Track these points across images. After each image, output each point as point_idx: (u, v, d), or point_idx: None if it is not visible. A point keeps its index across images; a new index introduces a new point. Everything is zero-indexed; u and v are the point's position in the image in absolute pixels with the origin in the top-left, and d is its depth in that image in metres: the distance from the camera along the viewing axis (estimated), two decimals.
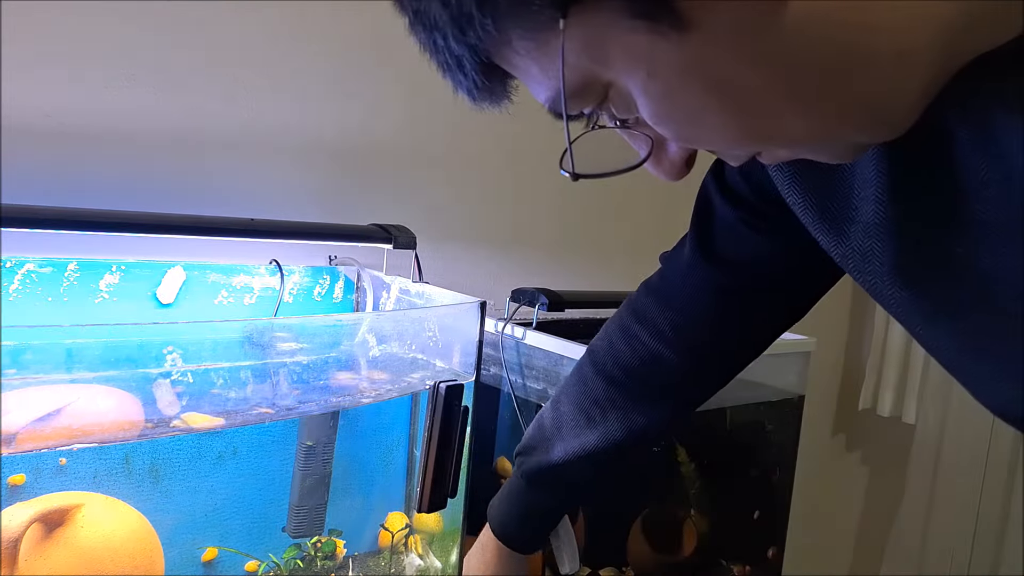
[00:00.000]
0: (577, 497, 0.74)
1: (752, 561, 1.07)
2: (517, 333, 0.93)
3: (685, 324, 0.63)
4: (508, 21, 0.30)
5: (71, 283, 0.69)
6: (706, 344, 0.64)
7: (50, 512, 0.54)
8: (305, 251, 0.86)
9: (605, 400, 0.66)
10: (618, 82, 0.33)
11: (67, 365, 0.50)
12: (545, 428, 0.69)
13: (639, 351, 0.65)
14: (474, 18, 0.30)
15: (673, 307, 0.63)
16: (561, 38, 0.30)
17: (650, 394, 0.66)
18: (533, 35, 0.31)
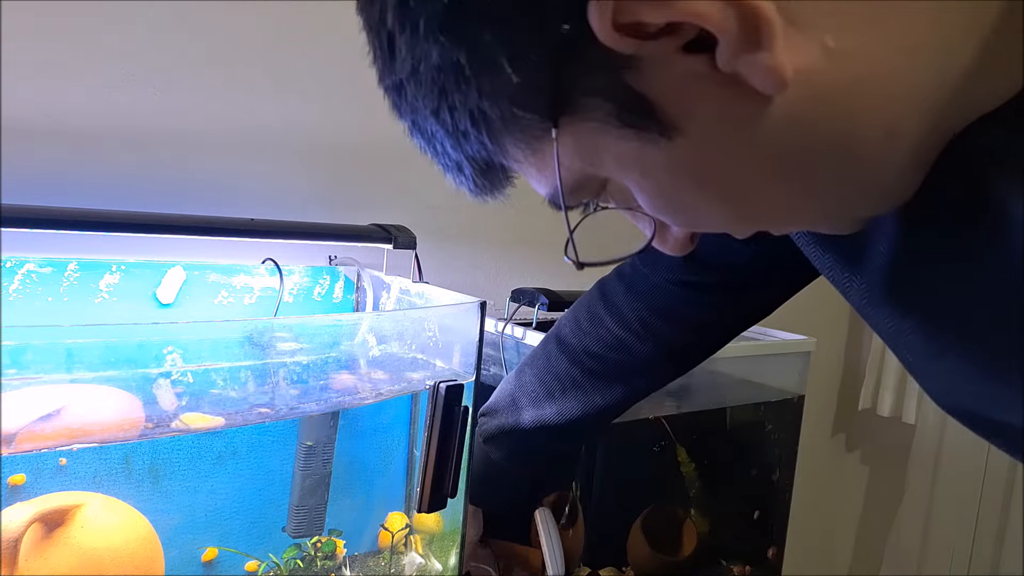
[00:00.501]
0: (531, 465, 0.76)
1: (752, 561, 1.07)
2: (517, 333, 0.93)
3: (651, 316, 0.64)
4: (502, 134, 0.31)
5: (71, 283, 0.69)
6: (671, 336, 0.65)
7: (50, 512, 0.54)
8: (305, 251, 0.86)
9: (566, 377, 0.69)
10: (613, 179, 0.33)
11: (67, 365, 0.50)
12: (506, 394, 0.72)
13: (604, 337, 0.66)
14: (469, 133, 0.31)
15: (642, 298, 0.64)
16: (555, 145, 0.31)
17: (610, 378, 0.68)
18: (527, 144, 0.31)
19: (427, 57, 0.29)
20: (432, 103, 0.31)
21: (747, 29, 0.26)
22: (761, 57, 0.26)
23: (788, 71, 0.27)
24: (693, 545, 0.97)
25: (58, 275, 0.68)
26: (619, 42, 0.27)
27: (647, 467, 0.94)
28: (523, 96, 0.29)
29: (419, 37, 0.29)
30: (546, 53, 0.28)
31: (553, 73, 0.28)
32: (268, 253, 0.81)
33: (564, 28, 0.27)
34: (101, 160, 0.77)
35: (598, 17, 0.26)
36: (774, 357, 1.08)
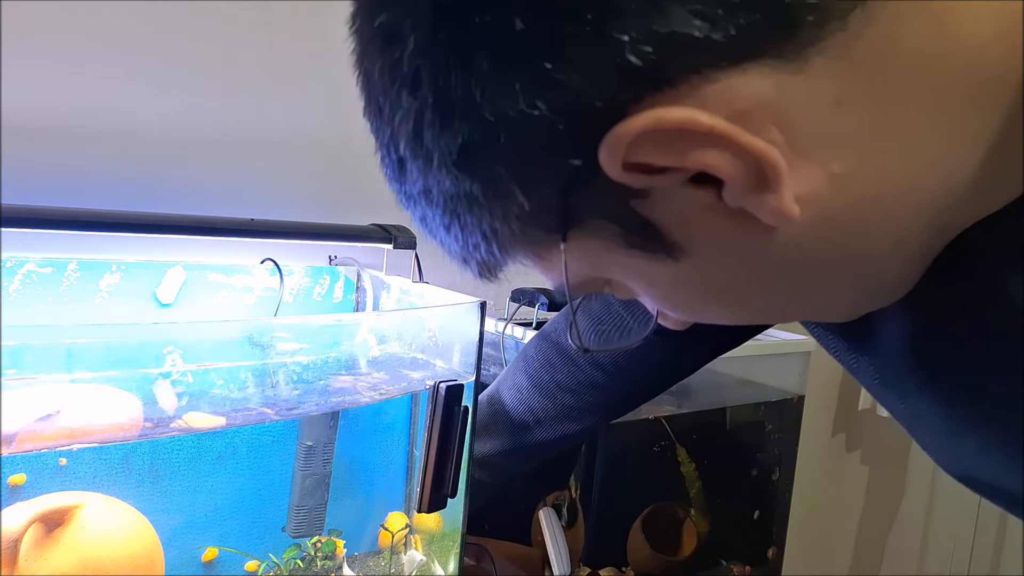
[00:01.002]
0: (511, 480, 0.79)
1: (752, 561, 1.07)
2: (517, 333, 0.92)
3: (623, 359, 0.67)
4: (512, 246, 0.32)
5: (71, 283, 0.69)
6: (643, 375, 0.68)
7: (50, 512, 0.54)
8: (305, 251, 0.86)
9: (539, 410, 0.71)
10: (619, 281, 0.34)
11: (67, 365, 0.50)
12: (483, 417, 0.74)
13: (576, 376, 0.69)
14: (480, 246, 0.32)
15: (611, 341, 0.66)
16: (563, 256, 0.31)
17: (584, 410, 0.71)
18: (536, 254, 0.32)
19: (439, 183, 0.30)
20: (444, 221, 0.32)
21: (754, 174, 0.26)
22: (768, 198, 0.27)
23: (794, 210, 0.27)
24: (693, 545, 0.97)
25: (58, 275, 0.68)
26: (628, 178, 0.27)
27: (647, 467, 0.95)
28: (533, 218, 0.30)
29: (432, 168, 0.29)
30: (557, 184, 0.28)
31: (563, 199, 0.29)
32: (268, 253, 0.81)
33: (575, 163, 0.27)
34: (101, 160, 0.77)
35: (608, 157, 0.26)
36: (774, 357, 1.08)
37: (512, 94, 0.26)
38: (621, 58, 0.25)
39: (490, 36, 0.26)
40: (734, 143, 0.26)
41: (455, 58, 0.26)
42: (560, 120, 0.26)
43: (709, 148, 0.26)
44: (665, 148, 0.26)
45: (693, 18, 0.24)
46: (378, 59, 0.29)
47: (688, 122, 0.25)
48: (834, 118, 0.26)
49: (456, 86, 0.27)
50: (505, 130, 0.27)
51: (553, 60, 0.25)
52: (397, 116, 0.29)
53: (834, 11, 0.25)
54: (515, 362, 0.75)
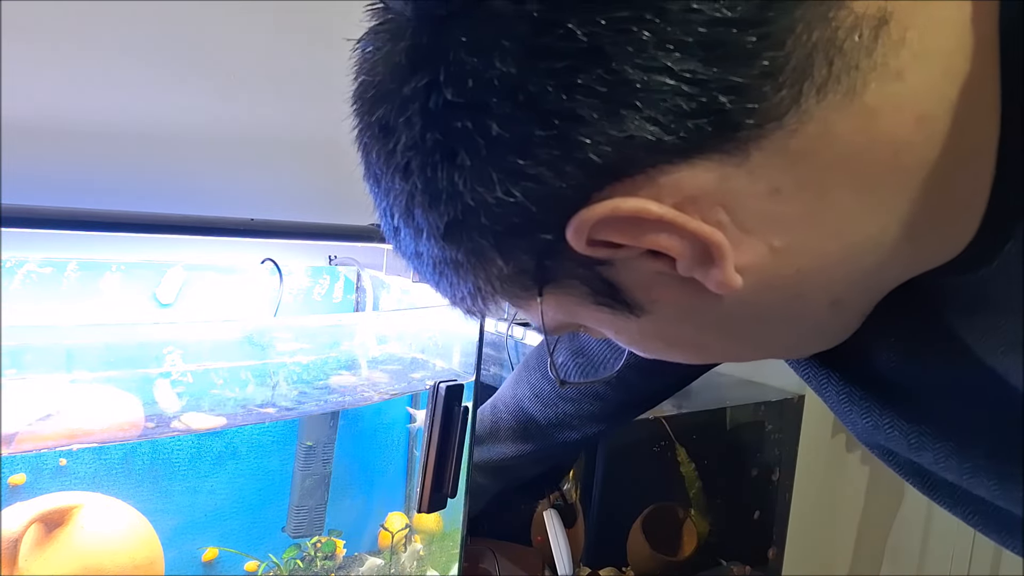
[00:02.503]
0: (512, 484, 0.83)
1: (752, 561, 1.07)
2: (517, 333, 0.93)
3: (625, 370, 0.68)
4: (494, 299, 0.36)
5: (71, 283, 0.69)
6: (642, 385, 0.71)
7: (50, 512, 0.54)
8: (305, 251, 0.86)
9: (541, 419, 0.74)
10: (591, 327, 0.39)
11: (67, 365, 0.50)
12: (486, 426, 0.77)
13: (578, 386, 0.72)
14: (466, 299, 0.36)
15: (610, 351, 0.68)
16: (540, 307, 0.36)
17: (584, 418, 0.73)
18: (515, 303, 0.37)
19: (429, 250, 0.34)
20: (434, 279, 0.36)
21: (700, 252, 0.30)
22: (713, 272, 0.31)
23: (736, 281, 0.31)
24: (693, 545, 0.97)
25: (58, 275, 0.68)
26: (593, 251, 0.31)
27: (647, 467, 0.95)
28: (512, 278, 0.34)
29: (423, 238, 0.34)
30: (533, 252, 0.32)
31: (538, 263, 0.33)
32: (268, 253, 0.81)
33: (547, 237, 0.31)
34: (101, 160, 0.77)
35: (574, 237, 0.31)
36: None
37: (490, 184, 0.30)
38: (584, 156, 0.28)
39: (471, 138, 0.29)
40: (682, 228, 0.30)
41: (440, 155, 0.30)
42: (533, 205, 0.30)
43: (660, 232, 0.30)
44: (623, 231, 0.30)
45: (647, 124, 0.28)
46: (375, 145, 0.33)
47: (641, 211, 0.29)
48: (773, 203, 0.30)
49: (442, 177, 0.31)
50: (485, 212, 0.31)
51: (525, 158, 0.29)
52: (391, 195, 0.34)
53: (772, 113, 0.28)
54: (517, 371, 0.77)
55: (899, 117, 0.29)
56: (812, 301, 0.34)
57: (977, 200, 0.31)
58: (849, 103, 0.28)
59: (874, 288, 0.35)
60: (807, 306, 0.34)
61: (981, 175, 0.31)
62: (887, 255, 0.32)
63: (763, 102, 0.28)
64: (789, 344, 0.40)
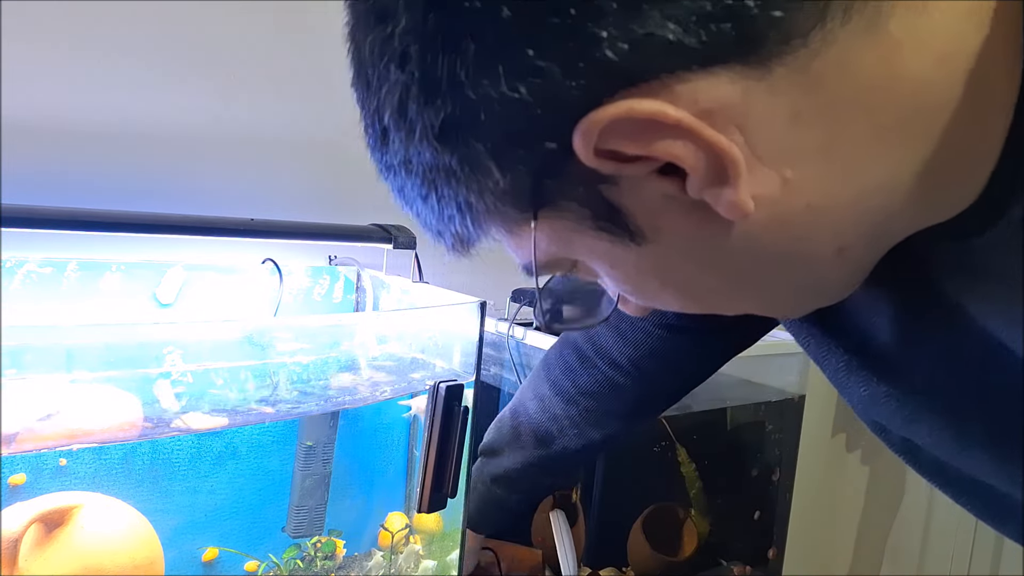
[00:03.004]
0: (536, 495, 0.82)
1: (752, 561, 1.07)
2: (517, 333, 0.93)
3: (640, 357, 0.66)
4: (485, 221, 0.34)
5: (71, 283, 0.69)
6: (661, 376, 0.68)
7: (50, 512, 0.54)
8: (305, 251, 0.86)
9: (564, 418, 0.71)
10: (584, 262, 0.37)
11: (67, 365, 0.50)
12: (504, 434, 0.75)
13: (597, 378, 0.69)
14: (454, 218, 0.34)
15: (631, 343, 0.66)
16: (532, 234, 0.34)
17: (604, 414, 0.71)
18: (508, 229, 0.35)
19: (419, 155, 0.31)
20: (422, 191, 0.33)
21: (715, 168, 0.29)
22: (726, 192, 0.29)
23: (750, 205, 0.29)
24: (693, 545, 0.97)
25: (58, 275, 0.68)
26: (599, 164, 0.29)
27: (647, 467, 0.95)
28: (507, 195, 0.32)
29: (414, 139, 0.31)
30: (532, 164, 0.30)
31: (537, 180, 0.31)
32: (268, 253, 0.81)
33: (550, 146, 0.29)
34: (101, 160, 0.77)
35: (582, 143, 0.28)
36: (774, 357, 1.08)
37: (495, 77, 0.28)
38: (600, 53, 0.27)
39: (478, 22, 0.27)
40: (698, 137, 0.28)
41: (443, 40, 0.28)
42: (539, 105, 0.28)
43: (675, 139, 0.28)
44: (635, 137, 0.28)
45: (668, 23, 0.26)
46: (370, 33, 0.30)
47: (657, 114, 0.27)
48: (790, 130, 0.29)
49: (442, 66, 0.28)
50: (486, 110, 0.28)
51: (535, 49, 0.27)
52: (384, 88, 0.31)
53: (798, 28, 0.27)
54: (535, 373, 0.76)
55: (922, 53, 0.28)
56: (819, 245, 0.32)
57: (987, 158, 0.30)
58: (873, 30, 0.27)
59: (879, 239, 0.34)
60: (813, 251, 0.33)
61: (994, 132, 0.30)
62: (899, 201, 0.31)
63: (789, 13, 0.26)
64: (789, 295, 0.38)
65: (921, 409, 0.41)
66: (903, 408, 0.42)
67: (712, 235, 0.32)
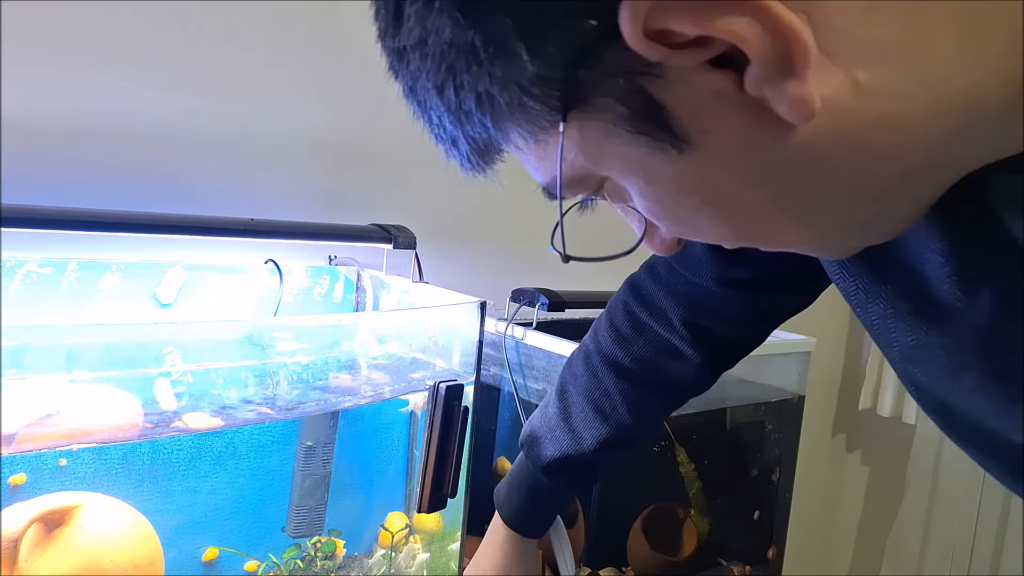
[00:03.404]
0: (588, 482, 0.74)
1: (752, 561, 1.07)
2: (517, 333, 0.93)
3: (696, 317, 0.63)
4: (507, 120, 0.30)
5: (71, 283, 0.69)
6: (716, 335, 0.64)
7: (50, 512, 0.54)
8: (305, 251, 0.86)
9: (615, 391, 0.66)
10: (614, 179, 0.32)
11: (67, 365, 0.50)
12: (552, 418, 0.68)
13: (652, 341, 0.64)
14: (472, 114, 0.30)
15: (683, 301, 0.62)
16: (560, 139, 0.30)
17: (659, 382, 0.65)
18: (531, 133, 0.30)
19: (438, 32, 0.28)
20: (437, 79, 0.29)
21: (781, 54, 0.25)
22: (791, 86, 0.26)
23: (815, 103, 0.26)
24: (693, 545, 0.97)
25: (58, 275, 0.68)
26: (647, 48, 0.25)
27: (647, 467, 0.94)
28: (536, 87, 0.28)
29: (432, 9, 0.27)
30: (567, 48, 0.26)
31: (571, 69, 0.27)
32: (268, 253, 0.81)
33: (590, 24, 0.25)
34: (101, 160, 0.77)
35: (630, 19, 0.25)
36: (774, 357, 1.08)
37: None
38: None
39: None
40: (767, 14, 0.24)
41: None
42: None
43: (740, 16, 0.24)
44: (692, 13, 0.24)
45: None
46: None
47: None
48: (865, 20, 0.25)
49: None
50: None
51: None
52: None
53: None
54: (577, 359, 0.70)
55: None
56: (882, 164, 0.29)
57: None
58: None
59: (948, 166, 0.30)
60: (876, 170, 0.29)
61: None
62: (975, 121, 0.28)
63: None
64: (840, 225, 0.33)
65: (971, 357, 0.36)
66: (953, 358, 0.37)
67: (766, 143, 0.28)
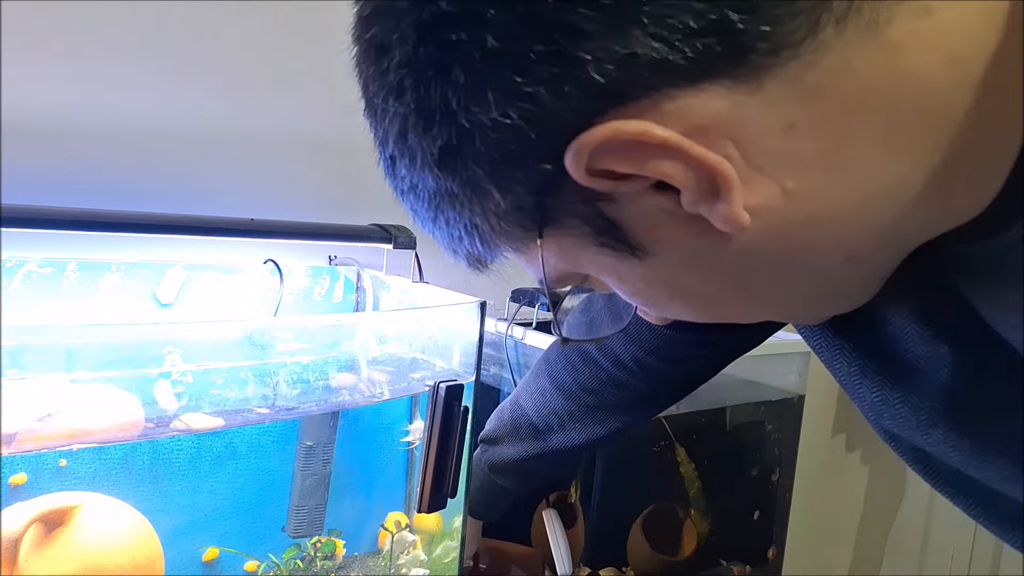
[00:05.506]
0: (538, 483, 0.80)
1: (752, 561, 1.07)
2: (517, 333, 0.93)
3: (646, 356, 0.65)
4: (493, 240, 0.35)
5: (71, 283, 0.69)
6: (666, 373, 0.67)
7: (50, 512, 0.54)
8: (305, 251, 0.86)
9: (563, 412, 0.70)
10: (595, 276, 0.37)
11: (67, 365, 0.50)
12: (505, 423, 0.74)
13: (599, 375, 0.68)
14: (463, 238, 0.35)
15: (635, 340, 0.65)
16: (540, 251, 0.34)
17: (607, 410, 0.69)
18: (515, 248, 0.35)
19: (424, 181, 0.33)
20: (429, 215, 0.35)
21: (706, 183, 0.28)
22: (719, 207, 0.29)
23: (744, 218, 0.29)
24: (693, 545, 0.97)
25: (58, 275, 0.68)
26: (593, 183, 0.29)
27: (647, 467, 0.95)
28: (511, 215, 0.32)
29: (416, 166, 0.32)
30: (530, 184, 0.31)
31: (537, 200, 0.31)
32: (268, 253, 0.81)
33: (546, 167, 0.30)
34: (101, 160, 0.77)
35: (573, 164, 0.29)
36: (774, 357, 1.08)
37: (486, 104, 0.28)
38: (586, 75, 0.27)
39: (465, 52, 0.28)
40: (686, 154, 0.28)
41: (435, 71, 0.29)
42: (531, 129, 0.28)
43: (664, 159, 0.28)
44: (625, 157, 0.28)
45: (652, 41, 0.26)
46: (370, 68, 0.32)
47: (643, 134, 0.27)
48: (786, 139, 0.28)
49: (435, 95, 0.29)
50: (480, 136, 0.29)
51: (523, 75, 0.27)
52: (386, 119, 0.32)
53: (787, 40, 0.26)
54: (535, 367, 0.75)
55: (926, 56, 0.27)
56: (826, 255, 0.32)
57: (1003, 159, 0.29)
58: (871, 37, 0.27)
59: (892, 247, 0.33)
60: (820, 260, 0.32)
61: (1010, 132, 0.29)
62: (907, 209, 0.30)
63: (777, 26, 0.26)
64: (800, 303, 0.38)
65: (936, 415, 0.40)
66: (917, 414, 0.41)
67: (711, 247, 0.31)
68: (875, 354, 0.41)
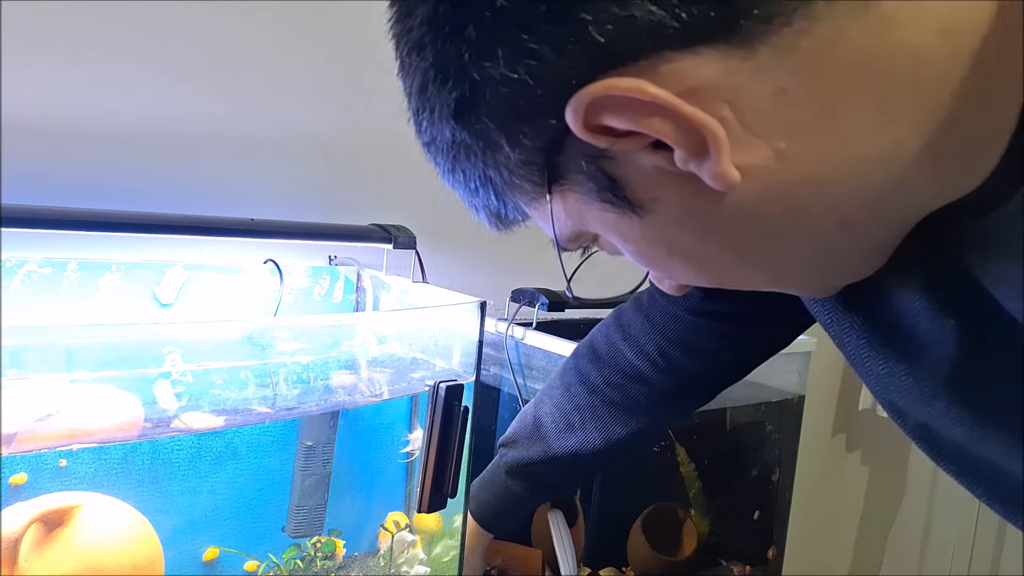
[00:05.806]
0: (554, 492, 0.79)
1: (752, 561, 1.07)
2: (517, 333, 0.93)
3: (670, 346, 0.65)
4: (506, 194, 0.37)
5: (71, 283, 0.69)
6: (690, 367, 0.66)
7: (50, 512, 0.54)
8: (305, 251, 0.86)
9: (587, 408, 0.69)
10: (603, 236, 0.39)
11: (67, 365, 0.50)
12: (527, 425, 0.73)
13: (623, 367, 0.67)
14: (479, 191, 0.37)
15: (660, 329, 0.65)
16: (549, 206, 0.36)
17: (630, 408, 0.68)
18: (528, 202, 0.37)
19: (441, 133, 0.35)
20: (448, 166, 0.37)
21: (695, 142, 0.30)
22: (708, 164, 0.30)
23: (733, 175, 0.30)
24: (693, 545, 0.97)
25: (58, 275, 0.68)
26: (592, 138, 0.31)
27: (647, 467, 0.95)
28: (521, 169, 0.34)
29: (435, 119, 0.34)
30: (537, 139, 0.33)
31: (544, 154, 0.33)
32: (268, 253, 0.81)
33: (551, 123, 0.32)
34: (101, 160, 0.77)
35: (572, 118, 0.31)
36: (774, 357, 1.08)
37: (495, 59, 0.30)
38: (587, 35, 0.29)
39: (478, 10, 0.30)
40: (676, 113, 0.29)
41: (450, 28, 0.31)
42: (537, 85, 0.30)
43: (655, 116, 0.30)
44: (620, 114, 0.30)
45: (649, 4, 0.28)
46: (398, 27, 0.34)
47: (634, 90, 0.29)
48: (779, 104, 0.30)
49: (451, 51, 0.31)
50: (491, 90, 0.31)
51: (529, 33, 0.29)
52: (412, 75, 0.34)
53: (780, 8, 0.28)
54: (561, 368, 0.74)
55: (920, 25, 0.28)
56: (819, 217, 0.33)
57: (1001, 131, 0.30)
58: (863, 7, 0.28)
59: (890, 217, 0.34)
60: (814, 223, 0.33)
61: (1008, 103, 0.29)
62: (902, 176, 0.31)
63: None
64: (799, 270, 0.39)
65: (939, 387, 0.40)
66: (921, 386, 0.41)
67: (707, 206, 0.33)
68: (883, 328, 0.42)
